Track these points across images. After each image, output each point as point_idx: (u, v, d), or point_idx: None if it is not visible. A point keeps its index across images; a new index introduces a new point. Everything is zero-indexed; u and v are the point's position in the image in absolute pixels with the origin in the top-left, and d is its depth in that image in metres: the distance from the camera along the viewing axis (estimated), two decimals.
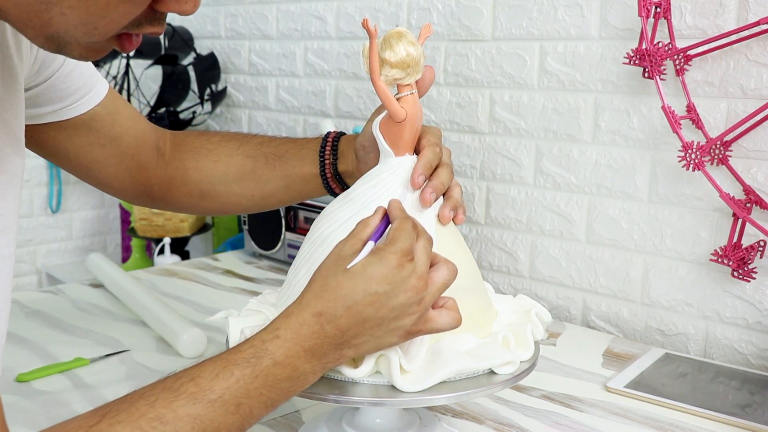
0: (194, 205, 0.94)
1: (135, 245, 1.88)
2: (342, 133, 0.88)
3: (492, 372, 0.68)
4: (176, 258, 1.72)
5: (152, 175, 0.91)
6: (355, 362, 0.66)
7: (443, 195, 0.74)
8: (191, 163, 0.92)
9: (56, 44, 0.55)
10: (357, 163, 0.84)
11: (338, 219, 0.71)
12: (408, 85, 0.71)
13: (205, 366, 0.58)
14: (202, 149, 0.92)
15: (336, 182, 0.87)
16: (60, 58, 0.77)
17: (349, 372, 0.65)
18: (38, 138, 0.82)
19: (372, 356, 0.65)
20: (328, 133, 0.88)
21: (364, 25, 0.68)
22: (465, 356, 0.67)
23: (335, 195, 0.86)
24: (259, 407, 0.58)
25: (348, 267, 0.61)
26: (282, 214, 1.45)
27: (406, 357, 0.65)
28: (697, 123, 1.04)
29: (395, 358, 0.64)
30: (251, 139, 0.92)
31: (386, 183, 0.71)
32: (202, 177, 0.91)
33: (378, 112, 0.80)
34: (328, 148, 0.87)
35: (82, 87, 0.81)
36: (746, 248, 1.00)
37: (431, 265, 0.63)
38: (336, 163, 0.87)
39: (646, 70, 1.05)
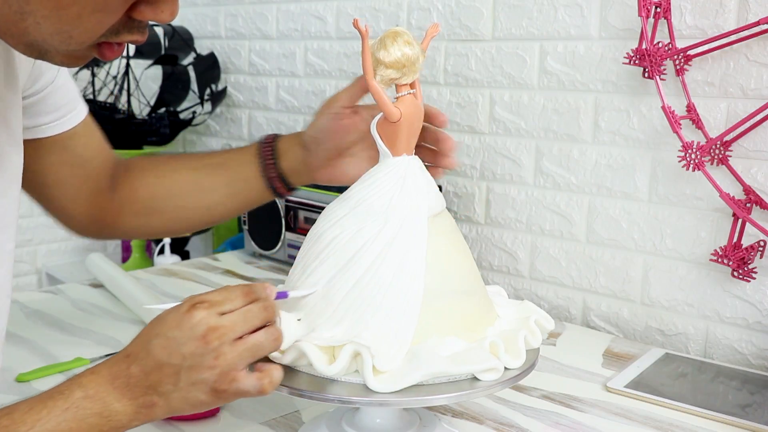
0: (143, 225, 0.95)
1: (135, 245, 1.88)
2: (278, 135, 0.91)
3: (476, 378, 0.67)
4: (176, 258, 1.72)
5: (105, 199, 0.92)
6: (334, 357, 0.66)
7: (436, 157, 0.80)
8: (138, 182, 0.93)
9: (36, 51, 0.56)
10: (308, 156, 0.86)
11: (332, 217, 0.71)
12: (405, 84, 0.71)
13: (24, 401, 0.58)
14: (147, 167, 0.94)
15: (280, 182, 0.88)
16: (52, 69, 0.77)
17: (324, 368, 0.65)
18: None
19: (347, 353, 0.64)
20: (266, 135, 0.91)
21: (355, 25, 0.68)
22: (444, 360, 0.65)
23: (280, 196, 0.90)
24: None
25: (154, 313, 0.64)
26: (282, 214, 1.45)
27: (379, 357, 0.64)
28: (697, 123, 1.04)
29: (368, 357, 0.64)
30: (196, 154, 0.94)
31: (381, 182, 0.71)
32: (148, 194, 0.92)
33: (327, 105, 0.86)
34: (266, 147, 0.89)
35: (68, 104, 0.82)
36: (746, 248, 1.00)
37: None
38: (277, 162, 0.88)
39: (646, 70, 1.05)
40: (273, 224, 1.47)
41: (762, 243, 1.00)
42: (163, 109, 1.86)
